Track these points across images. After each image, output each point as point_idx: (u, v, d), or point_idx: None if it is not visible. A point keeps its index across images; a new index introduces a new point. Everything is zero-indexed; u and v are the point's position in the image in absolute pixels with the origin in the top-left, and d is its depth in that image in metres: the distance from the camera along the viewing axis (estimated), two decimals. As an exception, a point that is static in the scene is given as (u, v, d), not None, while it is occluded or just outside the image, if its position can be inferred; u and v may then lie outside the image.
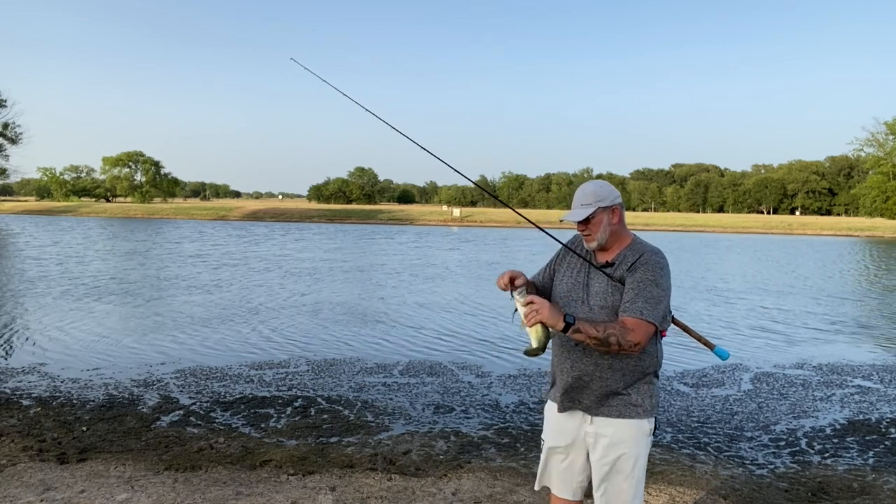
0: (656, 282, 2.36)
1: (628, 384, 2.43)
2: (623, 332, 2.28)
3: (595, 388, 2.44)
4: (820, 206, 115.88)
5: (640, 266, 2.39)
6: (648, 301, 2.33)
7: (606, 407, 2.44)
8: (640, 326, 2.30)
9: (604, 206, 2.44)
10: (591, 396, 2.46)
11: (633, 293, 2.35)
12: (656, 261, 2.40)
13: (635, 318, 2.31)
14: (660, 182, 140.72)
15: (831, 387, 7.11)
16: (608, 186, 2.50)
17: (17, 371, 7.18)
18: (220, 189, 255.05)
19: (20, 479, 4.12)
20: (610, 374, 2.42)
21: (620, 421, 2.43)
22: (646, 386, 2.46)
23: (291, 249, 27.90)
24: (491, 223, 63.95)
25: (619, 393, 2.43)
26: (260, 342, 8.99)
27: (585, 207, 2.45)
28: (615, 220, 2.47)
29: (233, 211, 73.87)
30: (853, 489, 4.30)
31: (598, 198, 2.45)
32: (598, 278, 2.46)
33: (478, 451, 4.91)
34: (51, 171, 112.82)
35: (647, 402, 2.45)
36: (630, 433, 2.43)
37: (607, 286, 2.42)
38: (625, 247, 2.48)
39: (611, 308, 2.40)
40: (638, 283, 2.36)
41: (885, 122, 73.00)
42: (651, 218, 77.24)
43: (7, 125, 67.97)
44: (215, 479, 4.17)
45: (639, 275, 2.37)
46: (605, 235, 2.46)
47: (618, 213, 2.48)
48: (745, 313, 12.46)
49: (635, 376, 2.43)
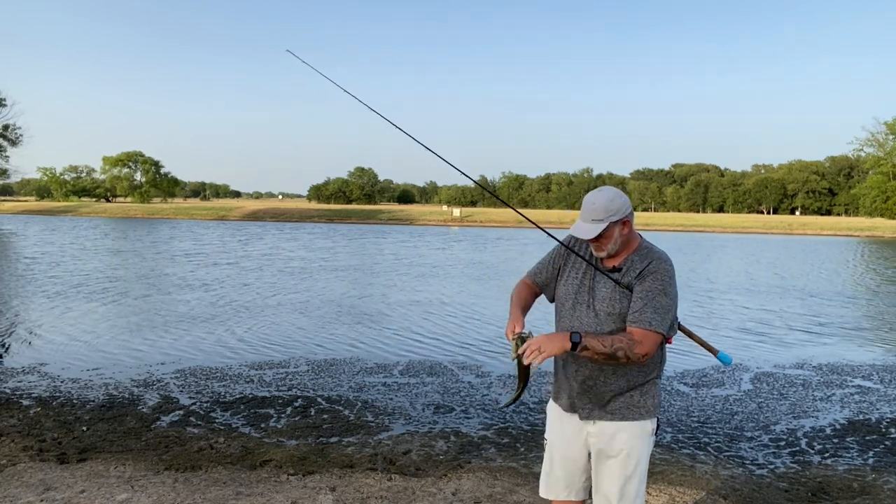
0: (665, 291, 2.32)
1: (632, 387, 2.43)
2: (631, 345, 2.27)
3: (599, 391, 2.44)
4: (820, 206, 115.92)
5: (650, 274, 2.34)
6: (658, 311, 2.30)
7: (610, 409, 2.44)
8: (648, 338, 2.29)
9: (616, 220, 2.35)
10: (594, 399, 2.45)
11: (641, 303, 2.31)
12: (665, 269, 2.36)
13: (644, 330, 2.29)
14: (660, 182, 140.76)
15: (831, 387, 7.12)
16: (619, 198, 2.38)
17: (17, 371, 7.18)
18: (220, 189, 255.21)
19: (20, 479, 4.12)
20: (614, 379, 2.41)
21: (623, 423, 2.44)
22: (649, 387, 2.46)
23: (292, 249, 27.91)
24: (491, 223, 63.97)
25: (623, 395, 2.43)
26: (260, 342, 8.99)
27: (597, 223, 2.35)
28: (626, 230, 2.39)
29: (233, 211, 73.89)
30: (853, 489, 4.30)
31: (609, 212, 2.34)
32: (605, 283, 2.42)
33: (478, 451, 4.91)
34: (51, 171, 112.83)
35: (650, 403, 2.45)
36: (633, 434, 2.44)
37: (614, 292, 2.38)
38: (632, 251, 2.43)
39: (618, 315, 2.37)
40: (647, 293, 2.32)
41: (885, 122, 73.08)
42: (651, 218, 77.24)
43: (8, 126, 68.04)
44: (215, 479, 4.17)
45: (648, 283, 2.33)
46: (616, 246, 2.40)
47: (629, 224, 2.40)
48: (746, 313, 12.46)
49: (639, 380, 2.43)
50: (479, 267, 21.45)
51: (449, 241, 37.10)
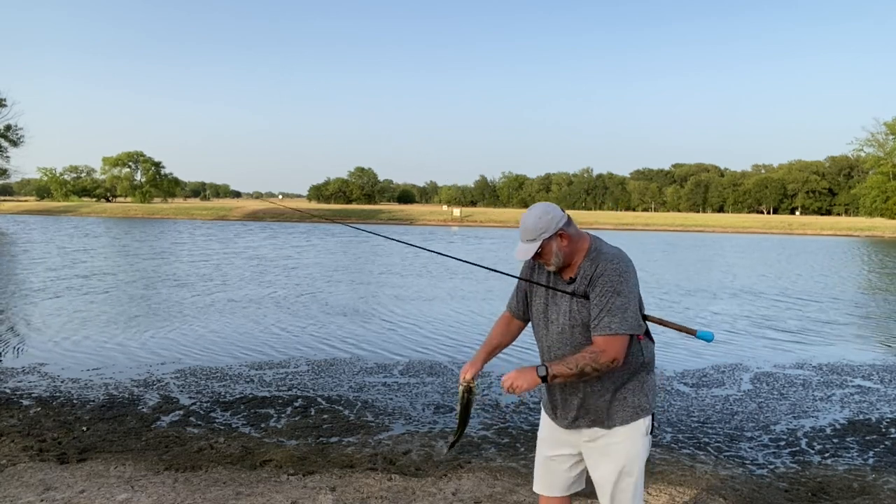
0: (617, 291, 2.32)
1: (618, 387, 2.43)
2: (596, 356, 2.28)
3: (592, 401, 2.44)
4: (820, 206, 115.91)
5: (598, 279, 2.35)
6: (614, 313, 2.30)
7: (608, 415, 2.44)
8: (611, 343, 2.29)
9: (548, 236, 2.38)
10: (591, 409, 2.45)
11: (597, 309, 2.33)
12: (613, 268, 2.35)
13: (605, 336, 2.30)
14: (660, 182, 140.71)
15: (831, 387, 7.11)
16: (546, 215, 2.39)
17: (17, 371, 7.18)
18: (220, 189, 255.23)
19: (20, 479, 4.12)
20: (599, 385, 2.41)
21: (616, 425, 2.44)
22: (638, 384, 2.45)
23: (290, 249, 27.90)
24: (491, 223, 63.97)
25: (615, 398, 2.43)
26: (260, 342, 8.99)
27: (531, 243, 2.40)
28: (564, 242, 2.40)
29: (233, 211, 73.88)
30: (853, 489, 4.30)
31: (539, 230, 2.38)
32: (564, 297, 2.44)
33: (478, 451, 4.90)
34: (51, 171, 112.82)
35: (643, 401, 2.45)
36: (626, 434, 2.44)
37: (572, 304, 2.41)
38: (584, 257, 2.43)
39: (582, 325, 2.39)
40: (600, 298, 2.33)
41: (885, 123, 73.21)
42: (651, 218, 77.24)
43: (9, 127, 68.01)
44: (215, 479, 4.17)
45: (598, 288, 2.34)
46: (560, 258, 2.42)
47: (566, 235, 2.40)
48: (745, 313, 12.46)
49: (623, 379, 2.43)
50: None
51: (449, 241, 37.09)
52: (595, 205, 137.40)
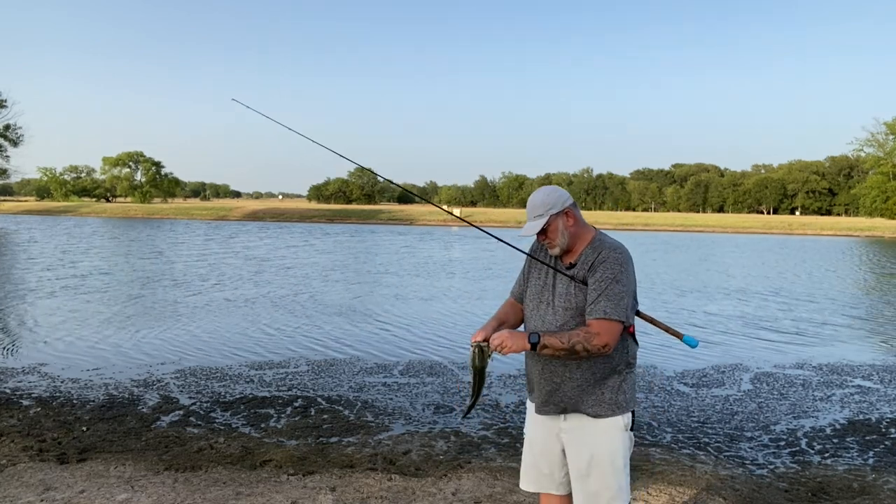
0: (617, 279, 2.36)
1: (599, 381, 2.44)
2: (588, 337, 2.31)
3: (567, 388, 2.46)
4: (820, 206, 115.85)
5: (600, 265, 2.39)
6: (611, 299, 2.34)
7: (580, 406, 2.47)
8: (605, 327, 2.32)
9: (555, 212, 2.45)
10: (563, 397, 2.48)
11: (595, 293, 2.37)
12: (615, 257, 2.40)
13: (599, 320, 2.33)
14: (660, 182, 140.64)
15: (831, 387, 7.11)
16: (555, 192, 2.50)
17: (17, 371, 7.18)
18: (220, 189, 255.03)
19: (20, 479, 4.12)
20: (579, 373, 2.43)
21: (594, 420, 2.46)
22: (618, 381, 2.46)
23: (292, 249, 27.90)
24: (491, 223, 63.96)
25: (591, 392, 2.45)
26: (260, 342, 8.99)
27: (538, 219, 2.46)
28: (570, 222, 2.47)
29: (233, 211, 73.91)
30: (853, 489, 4.30)
31: (547, 206, 2.45)
32: (562, 279, 2.48)
33: (478, 451, 4.90)
34: (51, 171, 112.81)
35: (621, 398, 2.46)
36: (604, 430, 2.45)
37: (570, 287, 2.44)
38: (586, 245, 2.49)
39: (575, 309, 2.42)
40: (599, 283, 2.37)
41: (885, 123, 73.15)
42: (651, 218, 77.25)
43: (9, 127, 68.01)
44: (215, 479, 4.17)
45: (598, 274, 2.38)
46: (565, 239, 2.47)
47: (572, 215, 2.47)
48: (745, 313, 12.46)
49: (605, 373, 2.44)
50: (480, 266, 21.45)
51: (449, 240, 37.08)
52: (595, 205, 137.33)
